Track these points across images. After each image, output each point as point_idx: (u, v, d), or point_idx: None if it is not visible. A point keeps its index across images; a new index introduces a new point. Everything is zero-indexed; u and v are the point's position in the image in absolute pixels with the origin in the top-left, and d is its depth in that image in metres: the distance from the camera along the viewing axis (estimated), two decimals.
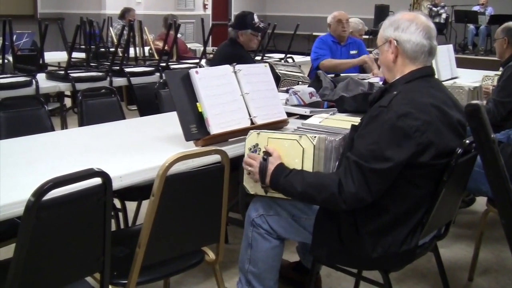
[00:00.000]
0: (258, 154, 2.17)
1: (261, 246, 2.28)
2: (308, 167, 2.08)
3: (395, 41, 2.06)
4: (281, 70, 4.23)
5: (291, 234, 2.27)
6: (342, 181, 1.91)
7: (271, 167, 2.09)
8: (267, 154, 2.12)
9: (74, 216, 1.59)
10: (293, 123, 2.74)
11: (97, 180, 1.64)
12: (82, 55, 5.89)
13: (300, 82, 4.17)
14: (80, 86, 4.20)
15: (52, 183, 1.47)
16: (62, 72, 4.51)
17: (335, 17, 5.22)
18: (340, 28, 5.16)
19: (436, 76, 2.16)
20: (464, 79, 4.62)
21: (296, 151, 2.10)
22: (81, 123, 3.08)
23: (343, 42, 5.20)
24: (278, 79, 4.03)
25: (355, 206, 1.94)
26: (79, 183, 1.58)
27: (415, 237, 2.03)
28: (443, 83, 2.25)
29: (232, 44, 4.22)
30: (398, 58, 2.07)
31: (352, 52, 5.20)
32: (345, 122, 2.48)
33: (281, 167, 2.08)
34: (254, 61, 4.80)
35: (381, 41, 2.13)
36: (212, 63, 4.45)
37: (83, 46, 6.20)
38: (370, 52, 5.32)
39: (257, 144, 2.18)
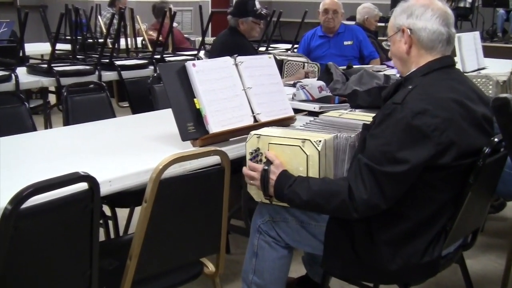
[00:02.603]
0: (260, 159, 2.16)
1: (267, 255, 2.28)
2: (314, 174, 2.06)
3: (408, 30, 2.04)
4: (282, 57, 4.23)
5: (299, 243, 2.27)
6: (352, 186, 1.90)
7: (273, 177, 2.08)
8: (268, 163, 2.11)
9: (57, 225, 1.59)
10: (301, 120, 2.73)
11: (83, 185, 1.63)
12: (68, 46, 5.88)
13: (305, 65, 4.16)
14: (66, 81, 4.19)
15: (32, 189, 1.47)
16: (45, 65, 4.51)
17: (323, 5, 5.22)
18: (324, 19, 5.17)
19: (459, 67, 2.15)
20: (493, 70, 4.60)
21: (299, 158, 2.08)
22: (67, 122, 3.08)
23: (332, 33, 5.18)
24: (280, 67, 4.02)
25: (367, 214, 1.94)
26: (63, 188, 1.57)
27: (438, 246, 2.02)
28: (468, 75, 2.25)
29: (232, 34, 4.22)
30: (412, 49, 2.06)
31: (346, 43, 5.18)
32: (365, 117, 2.46)
33: (283, 176, 2.07)
34: (257, 52, 4.79)
35: (392, 31, 2.12)
36: (210, 54, 4.44)
37: (69, 37, 6.20)
38: (382, 41, 5.32)
39: (258, 149, 2.17)
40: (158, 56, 5.30)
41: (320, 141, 2.05)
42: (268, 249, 2.28)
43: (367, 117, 2.44)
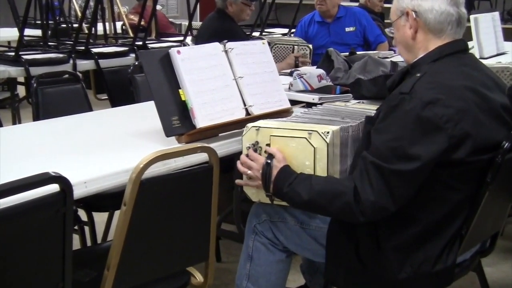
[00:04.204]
0: (259, 154, 2.15)
1: (263, 259, 2.29)
2: (322, 169, 2.07)
3: (413, 13, 2.05)
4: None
5: (298, 246, 2.27)
6: (359, 187, 1.90)
7: (274, 172, 2.08)
8: (270, 157, 2.11)
9: (24, 232, 1.58)
10: (298, 112, 2.72)
11: (54, 187, 1.62)
12: (38, 32, 5.86)
13: (295, 48, 4.15)
14: (36, 70, 4.17)
15: None
16: (13, 53, 4.49)
17: None
18: (315, 1, 5.08)
19: (476, 52, 2.15)
20: None
21: (306, 151, 2.08)
22: (37, 117, 3.08)
23: (330, 18, 5.11)
24: None
25: (375, 218, 1.94)
26: (31, 191, 1.56)
27: (452, 253, 2.02)
28: (487, 61, 2.24)
29: (220, 17, 4.23)
30: (418, 34, 2.06)
31: (348, 29, 5.10)
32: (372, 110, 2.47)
33: (284, 171, 2.07)
34: (248, 38, 4.78)
35: (395, 15, 2.12)
36: (197, 40, 4.44)
37: (39, 21, 6.16)
38: (386, 26, 5.29)
39: (257, 142, 2.17)
40: (140, 43, 5.29)
41: (328, 132, 2.06)
42: (265, 251, 2.29)
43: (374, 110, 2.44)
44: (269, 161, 2.10)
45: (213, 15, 4.34)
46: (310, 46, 4.59)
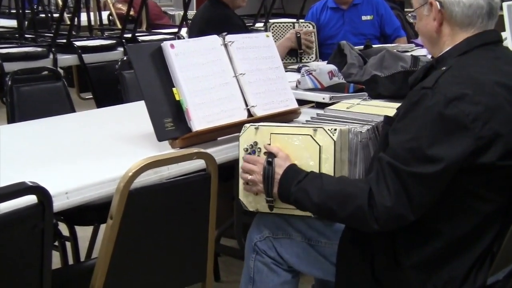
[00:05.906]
0: (258, 156, 2.15)
1: (266, 281, 2.29)
2: (328, 172, 2.07)
3: (437, 3, 2.03)
4: None
5: (305, 266, 2.27)
6: (374, 190, 1.89)
7: (279, 171, 2.08)
8: (271, 155, 2.11)
9: None
10: (307, 113, 2.72)
11: (31, 199, 1.62)
12: (13, 23, 5.88)
13: (296, 25, 4.16)
14: (10, 66, 4.19)
15: None
16: None
17: None
18: None
19: (508, 45, 2.14)
20: None
21: (310, 150, 2.08)
22: (12, 119, 3.09)
23: (346, 5, 5.12)
24: None
25: (390, 227, 1.93)
26: (5, 203, 1.56)
27: (481, 272, 2.01)
28: None
29: (213, 4, 4.24)
30: (443, 26, 2.05)
31: (364, 18, 5.11)
32: (384, 108, 2.45)
33: (292, 170, 2.07)
34: (246, 27, 4.78)
35: (417, 2, 2.11)
36: (190, 33, 4.44)
37: (14, 11, 6.18)
38: (407, 14, 5.28)
39: (255, 143, 2.18)
40: (129, 35, 5.32)
41: (335, 129, 2.06)
42: (267, 272, 2.29)
43: (387, 108, 2.43)
44: (270, 160, 2.09)
45: (206, 4, 4.36)
46: (313, 23, 4.62)
